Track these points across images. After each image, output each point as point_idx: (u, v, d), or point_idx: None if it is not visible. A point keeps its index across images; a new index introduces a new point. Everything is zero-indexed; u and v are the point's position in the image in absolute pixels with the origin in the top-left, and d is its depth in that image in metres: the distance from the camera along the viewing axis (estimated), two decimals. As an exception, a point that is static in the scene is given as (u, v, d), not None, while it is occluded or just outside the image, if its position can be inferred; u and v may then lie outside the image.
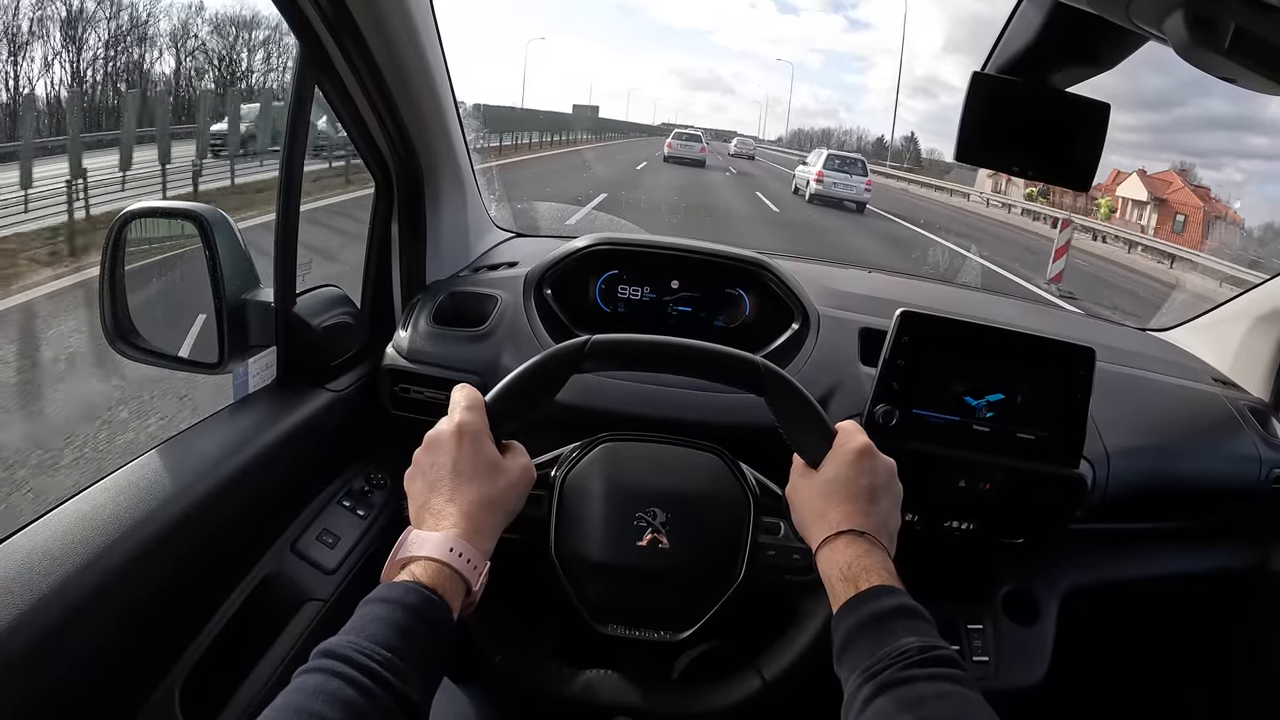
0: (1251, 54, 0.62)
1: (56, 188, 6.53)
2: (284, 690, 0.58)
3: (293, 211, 1.09)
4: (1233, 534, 1.45)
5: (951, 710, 0.61)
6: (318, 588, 1.08)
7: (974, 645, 1.24)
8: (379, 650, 0.60)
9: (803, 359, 1.27)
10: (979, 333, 1.16)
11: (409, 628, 0.63)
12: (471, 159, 1.49)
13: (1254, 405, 1.50)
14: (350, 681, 0.57)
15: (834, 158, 18.28)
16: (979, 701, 0.62)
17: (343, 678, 0.57)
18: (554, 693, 0.86)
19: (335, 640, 0.61)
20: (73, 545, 0.78)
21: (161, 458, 0.94)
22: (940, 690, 0.62)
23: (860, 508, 0.77)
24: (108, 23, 11.49)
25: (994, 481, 1.14)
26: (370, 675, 0.58)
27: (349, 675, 0.58)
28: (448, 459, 0.76)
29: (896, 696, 0.62)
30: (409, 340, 1.25)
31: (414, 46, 1.13)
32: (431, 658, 0.64)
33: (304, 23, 1.00)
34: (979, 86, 0.83)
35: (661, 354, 0.88)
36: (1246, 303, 1.62)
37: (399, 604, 0.64)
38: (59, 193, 6.47)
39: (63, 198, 6.43)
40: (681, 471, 0.90)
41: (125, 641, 0.82)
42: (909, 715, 0.60)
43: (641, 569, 0.84)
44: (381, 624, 0.62)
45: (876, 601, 0.70)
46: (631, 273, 1.40)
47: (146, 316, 1.10)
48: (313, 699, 0.56)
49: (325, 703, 0.56)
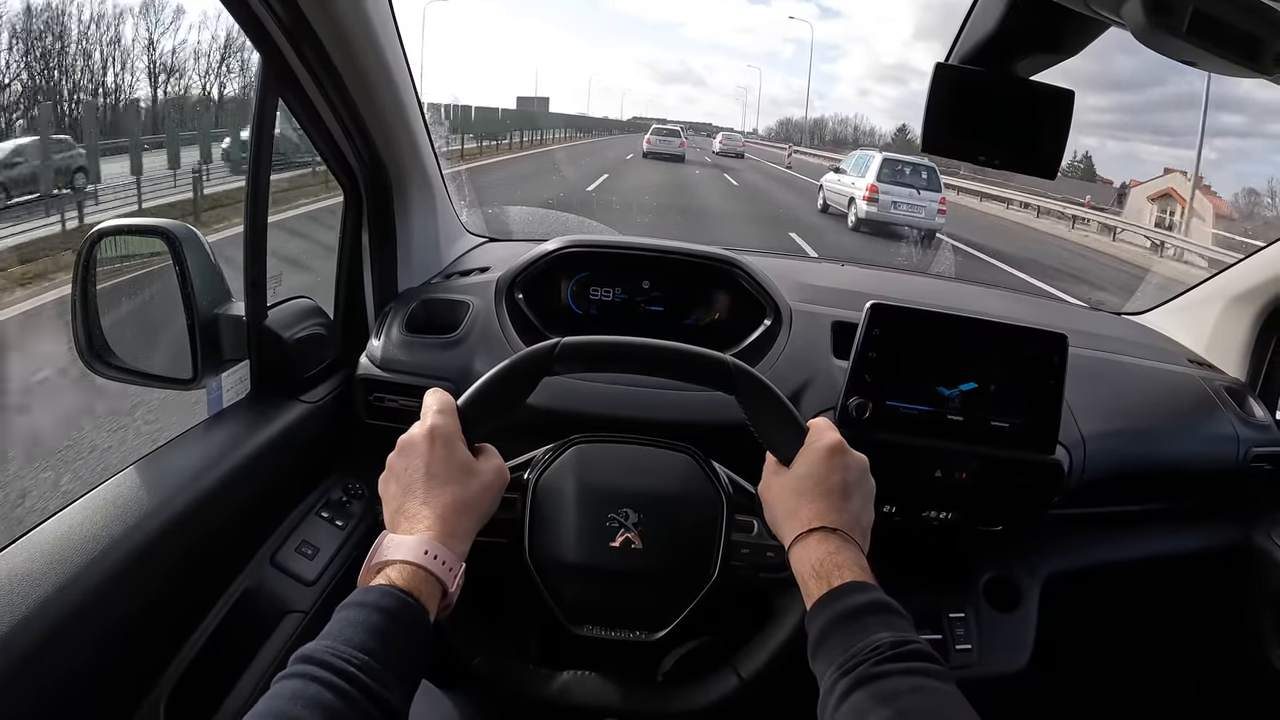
0: (1210, 36, 0.62)
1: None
2: (263, 696, 0.58)
3: (260, 224, 1.08)
4: (1213, 514, 1.46)
5: (925, 704, 0.61)
6: (298, 599, 1.08)
7: (956, 634, 1.24)
8: (356, 654, 0.60)
9: (775, 354, 1.28)
10: (950, 323, 1.17)
11: (385, 631, 0.63)
12: (440, 165, 1.49)
13: (1230, 385, 1.51)
14: (328, 685, 0.58)
15: (893, 165, 12.34)
16: (953, 694, 0.62)
17: (320, 682, 0.58)
18: (532, 694, 0.86)
19: (312, 645, 0.61)
20: (51, 566, 0.78)
21: (136, 475, 0.94)
22: (914, 684, 0.62)
23: (832, 504, 0.77)
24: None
25: (970, 470, 1.14)
26: (347, 679, 0.58)
27: (326, 679, 0.58)
28: (421, 462, 0.76)
29: (871, 692, 0.62)
30: (382, 349, 1.24)
31: (375, 54, 1.12)
32: (409, 661, 0.64)
33: (263, 34, 1.00)
34: (943, 77, 0.84)
35: (632, 355, 0.88)
36: (1220, 284, 1.63)
37: (375, 608, 0.64)
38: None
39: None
40: (654, 472, 0.90)
41: (107, 661, 0.82)
42: (883, 710, 0.60)
43: (615, 570, 0.84)
44: (358, 628, 0.62)
45: (849, 598, 0.70)
46: (603, 274, 1.40)
47: (120, 334, 1.09)
48: (291, 704, 0.56)
49: (304, 707, 0.56)
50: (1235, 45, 0.64)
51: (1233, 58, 0.64)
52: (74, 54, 10.26)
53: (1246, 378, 1.56)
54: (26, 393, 3.33)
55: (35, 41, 9.67)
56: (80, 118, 10.09)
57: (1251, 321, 1.55)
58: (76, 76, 10.37)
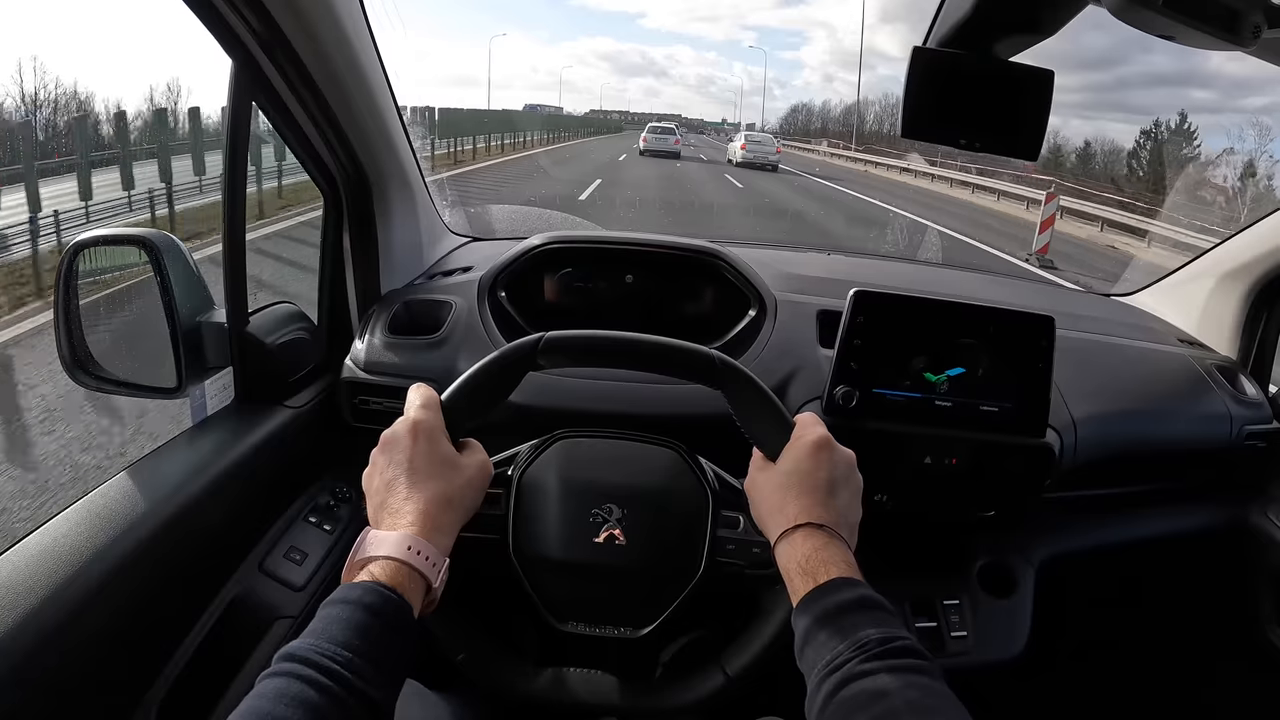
0: (1188, 9, 0.62)
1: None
2: (248, 695, 0.57)
3: (238, 232, 1.08)
4: (1208, 494, 1.46)
5: (913, 700, 0.60)
6: (287, 605, 1.08)
7: (951, 621, 1.24)
8: (340, 651, 0.59)
9: (761, 345, 1.27)
10: (935, 308, 1.16)
11: (369, 627, 0.62)
12: (420, 166, 1.48)
13: (1221, 364, 1.51)
14: (311, 683, 0.57)
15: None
16: (942, 690, 0.62)
17: (304, 679, 0.57)
18: (518, 691, 0.86)
19: (296, 643, 0.61)
20: (37, 578, 0.78)
21: (122, 485, 0.94)
22: (902, 681, 0.61)
23: (819, 500, 0.76)
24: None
25: (960, 456, 1.14)
26: (332, 676, 0.58)
27: (310, 677, 0.57)
28: (404, 457, 0.75)
29: (858, 689, 0.61)
30: (366, 352, 1.24)
31: (348, 57, 1.11)
32: (394, 657, 0.64)
33: (235, 41, 0.99)
34: (920, 61, 0.83)
35: (616, 349, 0.88)
36: (1209, 262, 1.63)
37: (358, 604, 0.64)
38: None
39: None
40: (638, 467, 0.89)
41: (96, 671, 0.82)
42: (872, 708, 0.59)
43: (599, 565, 0.84)
44: (342, 625, 0.62)
45: (836, 594, 0.69)
46: (585, 269, 1.40)
47: (103, 345, 1.08)
48: (275, 703, 0.56)
49: (288, 705, 0.55)
50: (1213, 18, 0.63)
51: (1211, 30, 0.64)
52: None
53: (1237, 355, 1.55)
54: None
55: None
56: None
57: (1241, 299, 1.54)
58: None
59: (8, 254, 5.80)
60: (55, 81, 10.88)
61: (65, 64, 28.11)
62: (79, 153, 8.24)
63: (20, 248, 5.89)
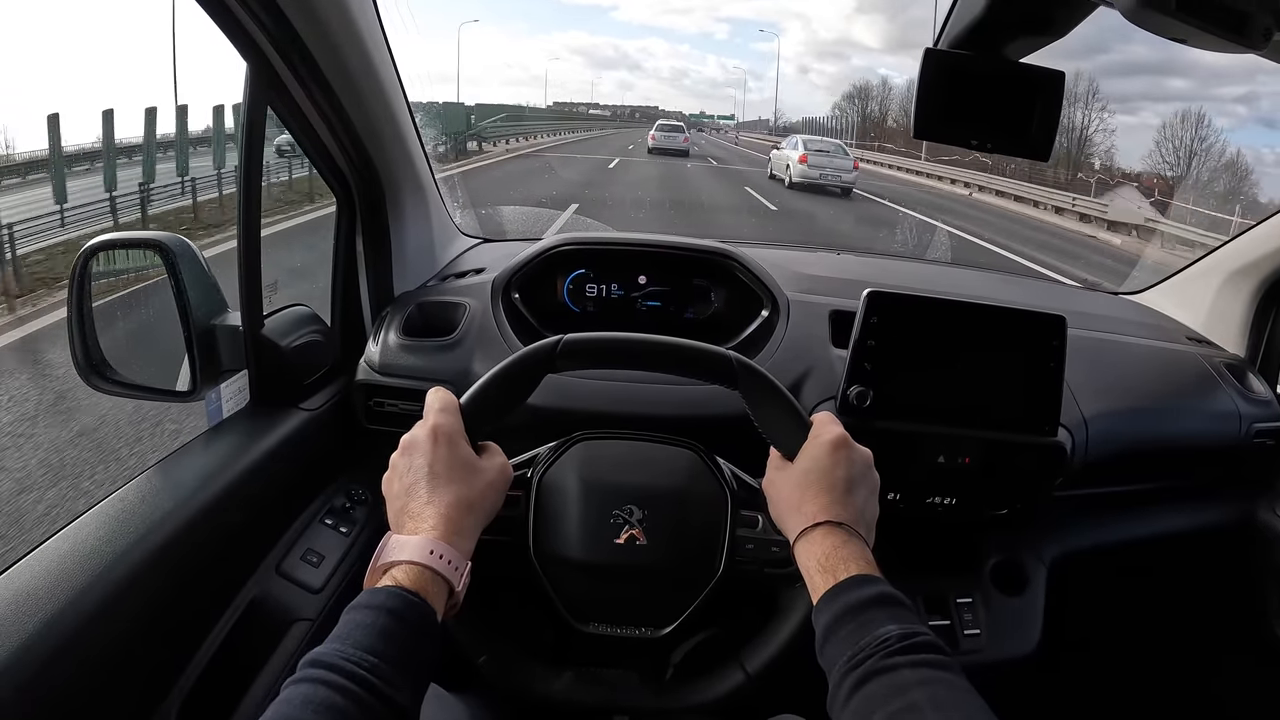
0: (1199, 12, 0.62)
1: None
2: (274, 702, 0.58)
3: (253, 233, 1.08)
4: (1217, 491, 1.46)
5: (935, 695, 0.61)
6: (305, 607, 1.08)
7: (964, 619, 1.25)
8: (365, 656, 0.60)
9: (774, 345, 1.27)
10: (948, 308, 1.16)
11: (393, 632, 0.63)
12: (432, 168, 1.48)
13: (1230, 362, 1.51)
14: (338, 689, 0.57)
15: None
16: (963, 685, 0.62)
17: (330, 685, 0.57)
18: (538, 693, 0.86)
19: (321, 649, 0.61)
20: (56, 583, 0.78)
21: (139, 489, 0.94)
22: (923, 676, 0.62)
23: (837, 498, 0.76)
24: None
25: (973, 455, 1.14)
26: (358, 681, 0.58)
27: (336, 683, 0.57)
28: (424, 461, 0.75)
29: (880, 685, 0.62)
30: (380, 354, 1.24)
31: (362, 59, 1.11)
32: (418, 661, 0.64)
33: (250, 43, 0.99)
34: (932, 62, 0.83)
35: (633, 351, 0.88)
36: (1217, 260, 1.63)
37: (382, 609, 0.64)
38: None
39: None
40: (657, 468, 0.89)
41: (116, 675, 0.82)
42: (893, 703, 0.60)
43: (620, 566, 0.84)
44: (366, 630, 0.62)
45: (855, 591, 0.69)
46: (598, 271, 1.40)
47: (117, 349, 1.08)
48: (303, 709, 0.56)
49: (315, 712, 0.56)
50: (1224, 21, 0.64)
51: (1222, 33, 0.64)
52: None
53: (1246, 353, 1.56)
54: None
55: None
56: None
57: (1249, 297, 1.55)
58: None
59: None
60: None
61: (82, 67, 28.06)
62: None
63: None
